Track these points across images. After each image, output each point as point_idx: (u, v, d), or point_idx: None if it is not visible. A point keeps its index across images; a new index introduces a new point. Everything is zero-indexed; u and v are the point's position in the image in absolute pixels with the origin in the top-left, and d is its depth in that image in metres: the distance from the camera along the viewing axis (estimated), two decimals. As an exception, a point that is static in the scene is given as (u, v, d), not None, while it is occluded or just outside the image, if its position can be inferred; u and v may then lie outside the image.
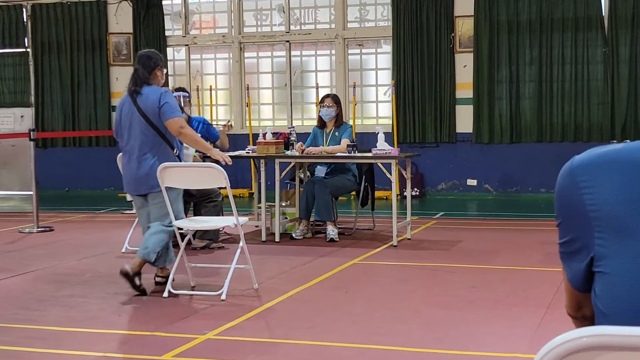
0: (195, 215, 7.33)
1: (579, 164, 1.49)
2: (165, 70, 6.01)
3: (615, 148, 1.47)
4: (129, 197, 6.32)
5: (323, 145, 8.05)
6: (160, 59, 5.95)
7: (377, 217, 8.53)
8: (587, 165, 1.47)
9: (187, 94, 7.97)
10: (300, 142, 7.94)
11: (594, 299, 1.48)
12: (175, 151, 5.78)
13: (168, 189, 5.54)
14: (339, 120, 8.13)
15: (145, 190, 5.73)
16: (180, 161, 5.82)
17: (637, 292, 1.38)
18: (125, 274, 5.47)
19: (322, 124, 8.22)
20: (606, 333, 1.19)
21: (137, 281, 5.51)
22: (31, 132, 8.92)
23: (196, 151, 7.14)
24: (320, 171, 8.16)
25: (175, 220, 5.61)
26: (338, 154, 7.74)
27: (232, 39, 12.67)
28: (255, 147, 8.00)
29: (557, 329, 1.22)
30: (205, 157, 7.12)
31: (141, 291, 5.53)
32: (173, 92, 7.44)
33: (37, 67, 13.00)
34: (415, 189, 11.34)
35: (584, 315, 1.60)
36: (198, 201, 7.39)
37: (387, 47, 12.12)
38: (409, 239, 7.82)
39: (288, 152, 7.91)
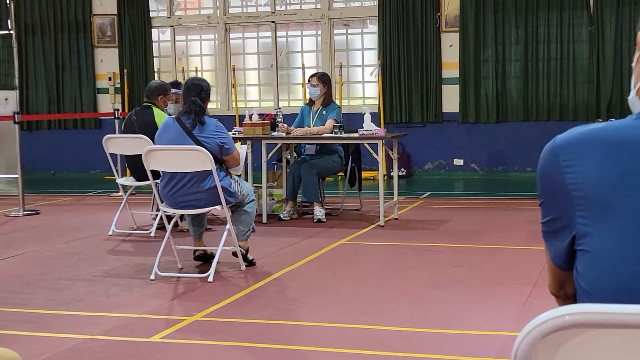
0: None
1: (561, 143, 1.49)
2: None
3: (597, 127, 1.47)
4: None
5: (310, 123, 8.04)
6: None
7: (364, 197, 8.54)
8: (569, 144, 1.47)
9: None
10: (282, 124, 7.89)
11: (577, 277, 1.49)
12: None
13: None
14: (327, 100, 8.10)
15: None
16: None
17: (619, 270, 1.39)
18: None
19: (311, 101, 8.21)
20: (589, 311, 1.20)
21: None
22: (16, 115, 8.85)
23: None
24: (310, 149, 8.13)
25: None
26: (324, 135, 7.73)
27: (218, 19, 12.60)
28: (241, 128, 7.97)
29: (542, 308, 1.23)
30: None
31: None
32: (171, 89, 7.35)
33: (20, 49, 12.87)
34: (402, 169, 11.35)
35: (566, 294, 1.61)
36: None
37: (373, 27, 12.08)
38: (396, 219, 7.83)
39: (275, 133, 7.89)
